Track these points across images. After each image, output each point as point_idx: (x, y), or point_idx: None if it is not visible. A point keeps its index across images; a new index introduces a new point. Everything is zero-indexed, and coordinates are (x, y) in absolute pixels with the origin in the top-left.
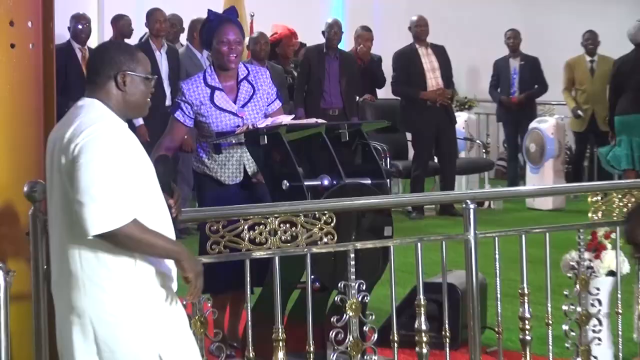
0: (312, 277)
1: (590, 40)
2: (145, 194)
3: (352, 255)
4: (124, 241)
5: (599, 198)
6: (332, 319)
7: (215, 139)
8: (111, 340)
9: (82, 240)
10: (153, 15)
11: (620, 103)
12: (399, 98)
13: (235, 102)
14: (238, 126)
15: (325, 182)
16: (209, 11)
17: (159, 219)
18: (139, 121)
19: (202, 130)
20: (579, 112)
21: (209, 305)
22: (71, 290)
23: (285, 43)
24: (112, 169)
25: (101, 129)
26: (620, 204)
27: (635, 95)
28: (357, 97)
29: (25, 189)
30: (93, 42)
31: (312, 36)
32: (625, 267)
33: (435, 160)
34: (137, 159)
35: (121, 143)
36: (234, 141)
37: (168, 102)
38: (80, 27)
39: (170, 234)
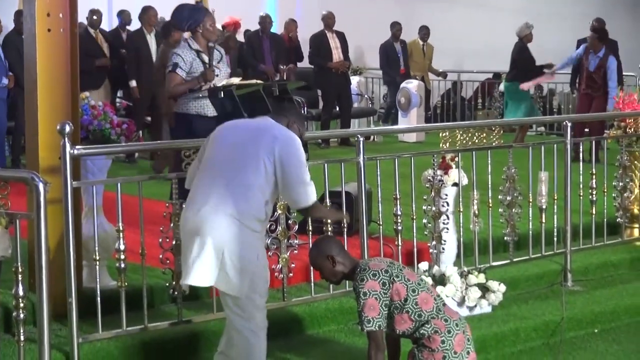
0: None
1: (425, 33)
2: None
3: None
4: (314, 209)
5: (447, 134)
6: None
7: (191, 95)
8: (235, 260)
9: (242, 199)
10: (147, 11)
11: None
12: (313, 66)
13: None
14: (217, 75)
15: None
16: (195, 4)
17: None
18: (133, 83)
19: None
20: (417, 77)
21: None
22: (225, 225)
23: (232, 29)
24: (305, 164)
25: (294, 138)
26: (461, 137)
27: (509, 72)
28: (284, 66)
29: (58, 127)
30: (104, 27)
31: (252, 23)
32: (465, 181)
33: (337, 108)
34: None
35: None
36: (200, 95)
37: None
38: (95, 17)
39: None
